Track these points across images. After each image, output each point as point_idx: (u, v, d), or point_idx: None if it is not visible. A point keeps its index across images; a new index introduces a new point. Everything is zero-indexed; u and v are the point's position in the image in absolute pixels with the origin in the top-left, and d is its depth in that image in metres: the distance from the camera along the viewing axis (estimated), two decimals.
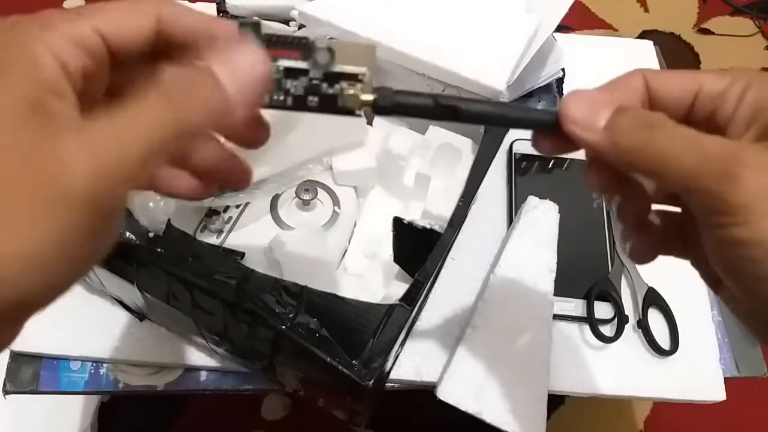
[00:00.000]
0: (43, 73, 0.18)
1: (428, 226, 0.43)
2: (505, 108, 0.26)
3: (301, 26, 0.54)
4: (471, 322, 0.49)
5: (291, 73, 0.24)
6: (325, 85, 0.24)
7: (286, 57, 0.24)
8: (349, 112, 0.24)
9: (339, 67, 0.24)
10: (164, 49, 0.23)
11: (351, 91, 0.24)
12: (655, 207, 0.28)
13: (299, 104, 0.24)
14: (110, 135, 0.18)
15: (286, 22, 0.59)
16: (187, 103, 0.19)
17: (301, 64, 0.24)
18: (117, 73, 0.22)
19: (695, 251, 0.27)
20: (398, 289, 0.42)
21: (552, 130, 0.25)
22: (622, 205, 0.27)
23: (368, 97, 0.24)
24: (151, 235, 0.39)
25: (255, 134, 0.27)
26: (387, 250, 0.48)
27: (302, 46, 0.24)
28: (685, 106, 0.24)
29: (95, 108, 0.20)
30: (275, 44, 0.24)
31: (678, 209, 0.28)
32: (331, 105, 0.24)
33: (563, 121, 0.24)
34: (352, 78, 0.24)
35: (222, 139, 0.25)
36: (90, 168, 0.17)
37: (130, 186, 0.18)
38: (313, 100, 0.24)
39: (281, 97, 0.24)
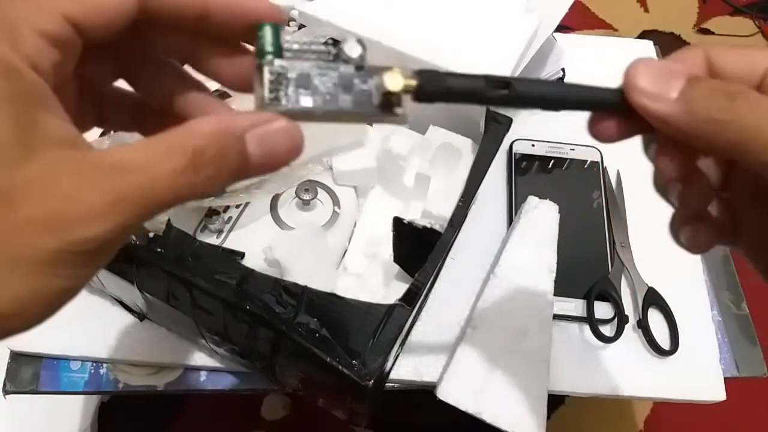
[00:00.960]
0: (20, 84, 0.17)
1: (428, 225, 0.43)
2: (563, 88, 0.23)
3: (301, 26, 0.54)
4: (471, 322, 0.49)
5: (320, 72, 0.21)
6: (357, 81, 0.21)
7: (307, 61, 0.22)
8: (387, 107, 0.22)
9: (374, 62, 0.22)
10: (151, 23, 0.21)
11: (389, 77, 0.21)
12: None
13: (331, 105, 0.21)
14: (135, 192, 0.17)
15: (286, 22, 0.59)
16: (211, 177, 0.19)
17: (330, 63, 0.22)
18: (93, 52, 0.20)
19: (748, 238, 0.26)
20: (398, 289, 0.42)
21: (616, 110, 0.22)
22: (684, 193, 0.25)
23: (411, 81, 0.21)
24: (151, 235, 0.39)
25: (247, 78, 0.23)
26: (387, 250, 0.48)
27: (328, 50, 0.22)
28: (753, 85, 0.22)
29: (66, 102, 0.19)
30: (294, 50, 0.21)
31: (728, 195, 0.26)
32: (366, 102, 0.21)
33: (631, 93, 0.22)
34: (386, 70, 0.22)
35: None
36: (111, 225, 0.17)
37: (126, 233, 0.18)
38: (345, 99, 0.21)
39: (310, 101, 0.21)
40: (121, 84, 0.24)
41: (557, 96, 0.23)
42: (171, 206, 0.18)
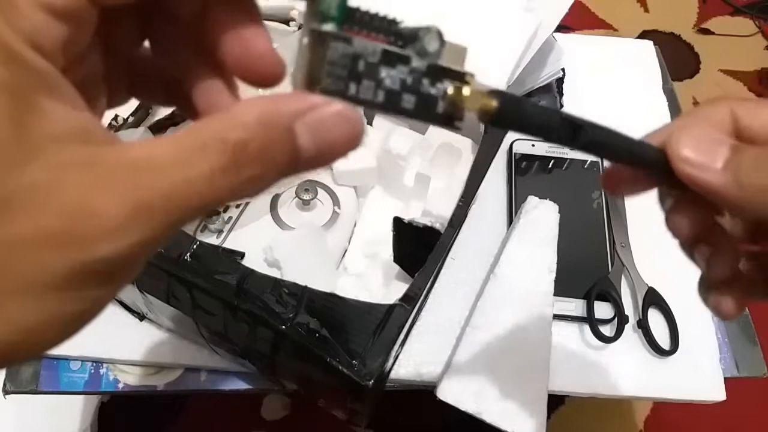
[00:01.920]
0: (19, 70, 0.14)
1: (429, 224, 0.43)
2: (629, 144, 0.22)
3: (301, 26, 0.54)
4: (471, 322, 0.48)
5: (389, 59, 0.18)
6: (426, 82, 0.19)
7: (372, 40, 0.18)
8: (448, 119, 0.19)
9: (446, 62, 0.19)
10: None
11: (466, 92, 0.19)
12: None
13: (391, 102, 0.18)
14: (160, 198, 0.14)
15: (286, 22, 0.59)
16: (256, 177, 0.15)
17: (402, 51, 0.18)
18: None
19: None
20: (398, 289, 0.42)
21: (658, 171, 0.22)
22: (712, 257, 0.24)
23: (489, 102, 0.19)
24: None
25: (269, 69, 0.20)
26: (387, 250, 0.48)
27: (397, 32, 0.18)
28: None
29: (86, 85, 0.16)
30: (360, 23, 0.18)
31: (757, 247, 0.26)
32: (429, 109, 0.19)
33: (675, 162, 0.22)
34: (458, 77, 0.19)
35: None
36: (130, 240, 0.14)
37: (153, 247, 0.15)
38: (409, 100, 0.19)
39: (371, 91, 0.18)
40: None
41: (620, 149, 0.22)
42: (206, 212, 0.16)
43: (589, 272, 0.54)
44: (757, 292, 0.25)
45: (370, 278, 0.50)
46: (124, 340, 0.49)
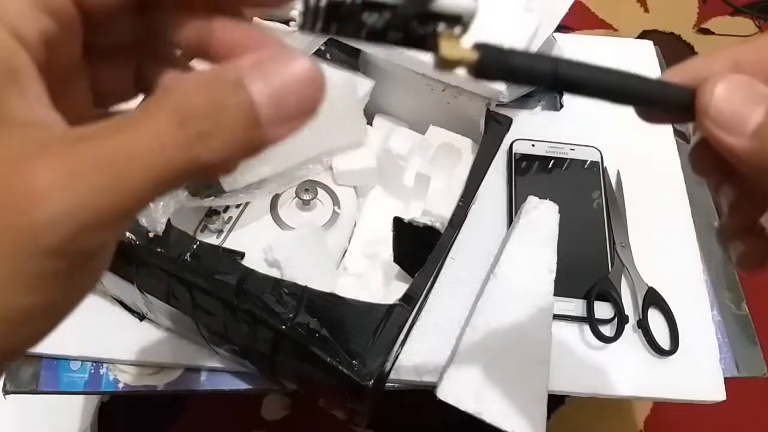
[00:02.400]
0: None
1: (429, 223, 0.43)
2: (633, 79, 0.20)
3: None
4: (471, 322, 0.48)
5: (372, 6, 0.18)
6: (415, 23, 0.18)
7: None
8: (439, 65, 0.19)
9: (439, 5, 0.18)
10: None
11: (446, 43, 0.18)
12: None
13: (374, 37, 0.18)
14: (98, 161, 0.13)
15: (286, 22, 0.59)
16: (206, 134, 0.14)
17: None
18: (97, 32, 0.17)
19: None
20: (398, 289, 0.42)
21: (680, 111, 0.20)
22: (735, 201, 0.22)
23: (470, 55, 0.18)
24: (151, 235, 0.39)
25: None
26: (387, 250, 0.48)
27: None
28: None
29: (65, 88, 0.16)
30: None
31: None
32: (418, 42, 0.19)
33: (700, 116, 0.19)
34: (453, 21, 0.19)
35: None
36: (66, 205, 0.13)
37: (116, 229, 0.14)
38: (396, 35, 0.18)
39: (352, 27, 0.18)
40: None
41: (626, 87, 0.20)
42: (169, 181, 0.14)
43: (589, 272, 0.54)
44: None
45: (370, 278, 0.50)
46: (124, 340, 0.49)
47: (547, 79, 0.19)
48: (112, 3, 0.16)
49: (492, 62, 0.19)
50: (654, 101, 0.20)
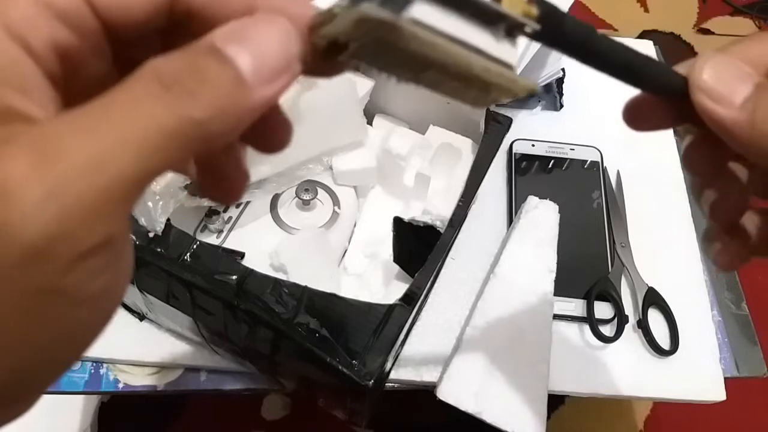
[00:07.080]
0: None
1: (429, 222, 0.43)
2: (641, 59, 0.21)
3: None
4: (471, 322, 0.48)
5: None
6: None
7: None
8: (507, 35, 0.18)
9: None
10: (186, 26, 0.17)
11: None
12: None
13: None
14: (78, 146, 0.12)
15: None
16: (192, 91, 0.14)
17: None
18: (124, 54, 0.17)
19: None
20: (398, 289, 0.42)
21: (674, 97, 0.21)
22: (716, 202, 0.24)
23: (530, 9, 0.18)
24: (151, 235, 0.39)
25: (276, 133, 0.19)
26: (387, 250, 0.48)
27: None
28: None
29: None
30: None
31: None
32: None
33: (693, 89, 0.20)
34: None
35: None
36: (44, 202, 0.12)
37: (109, 223, 0.13)
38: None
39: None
40: None
41: (640, 66, 0.21)
42: (170, 149, 0.14)
43: (589, 272, 0.54)
44: (761, 249, 0.24)
45: (370, 278, 0.50)
46: (124, 340, 0.49)
47: (582, 41, 0.20)
48: (139, 18, 0.16)
49: (549, 16, 0.18)
50: (658, 84, 0.21)
